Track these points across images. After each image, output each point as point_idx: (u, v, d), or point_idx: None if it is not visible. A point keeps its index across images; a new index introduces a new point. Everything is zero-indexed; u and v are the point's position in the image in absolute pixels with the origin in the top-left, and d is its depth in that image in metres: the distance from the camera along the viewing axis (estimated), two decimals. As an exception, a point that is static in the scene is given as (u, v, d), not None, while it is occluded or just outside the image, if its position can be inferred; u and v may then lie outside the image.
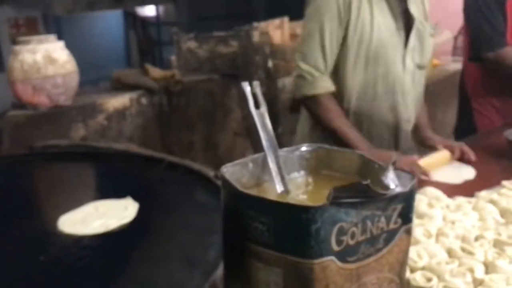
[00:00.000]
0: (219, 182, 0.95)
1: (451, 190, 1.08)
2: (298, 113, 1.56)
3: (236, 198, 0.43)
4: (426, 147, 1.50)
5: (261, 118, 0.52)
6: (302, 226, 0.39)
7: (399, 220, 0.45)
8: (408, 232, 0.46)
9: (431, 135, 1.52)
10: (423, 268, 0.75)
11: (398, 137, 1.47)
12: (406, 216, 0.45)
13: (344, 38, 1.37)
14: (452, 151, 1.39)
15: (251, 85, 0.54)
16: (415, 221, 0.89)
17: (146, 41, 7.91)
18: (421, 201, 0.97)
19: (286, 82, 2.40)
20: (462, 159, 1.38)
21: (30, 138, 1.63)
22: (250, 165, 0.50)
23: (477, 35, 1.88)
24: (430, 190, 1.03)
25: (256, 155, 0.51)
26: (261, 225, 0.41)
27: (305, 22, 1.41)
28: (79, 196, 1.01)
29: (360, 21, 1.36)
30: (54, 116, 1.97)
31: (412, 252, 0.78)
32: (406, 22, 1.41)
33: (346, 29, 1.36)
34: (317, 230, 0.39)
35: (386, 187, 0.44)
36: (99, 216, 0.89)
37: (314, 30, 1.36)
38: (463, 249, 0.78)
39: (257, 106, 0.53)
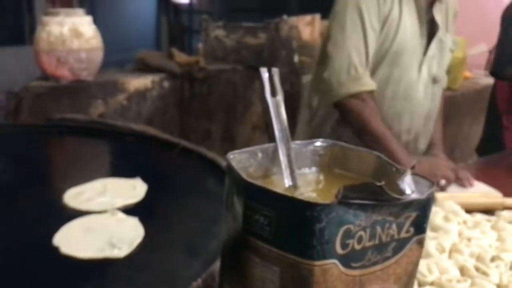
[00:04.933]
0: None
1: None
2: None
3: (239, 186, 0.40)
4: None
5: (276, 107, 0.49)
6: (305, 223, 0.36)
7: (412, 229, 0.42)
8: (420, 243, 0.43)
9: (439, 154, 1.44)
10: (432, 284, 0.71)
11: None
12: (419, 226, 0.42)
13: None
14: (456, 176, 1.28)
15: (269, 72, 0.51)
16: (429, 234, 0.86)
17: (177, 28, 7.94)
18: (437, 213, 0.93)
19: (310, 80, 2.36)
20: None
21: (48, 110, 1.63)
22: (259, 154, 0.47)
23: (506, 49, 1.79)
24: (448, 204, 0.99)
25: (266, 145, 0.48)
26: (263, 218, 0.38)
27: (338, 16, 1.33)
28: (89, 172, 1.01)
29: (390, 18, 1.30)
30: (75, 90, 1.98)
31: (422, 265, 0.74)
32: (430, 30, 1.36)
33: (382, 24, 1.30)
34: (322, 229, 0.36)
35: (402, 192, 0.40)
36: (106, 193, 0.88)
37: (355, 22, 1.27)
38: (477, 269, 0.74)
39: (273, 94, 0.50)
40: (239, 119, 2.45)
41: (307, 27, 2.42)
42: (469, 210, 0.99)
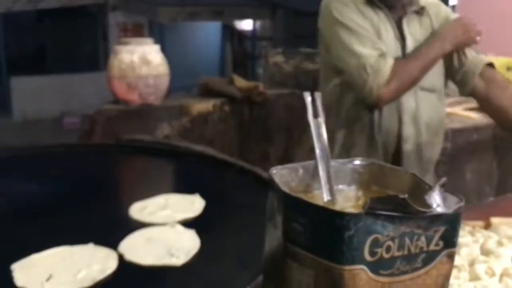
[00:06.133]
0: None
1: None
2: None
3: (279, 197, 0.45)
4: None
5: (317, 128, 0.54)
6: (335, 231, 0.40)
7: (441, 243, 0.44)
8: (451, 257, 0.45)
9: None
10: (479, 305, 0.71)
11: (399, 153, 1.42)
12: (449, 240, 0.44)
13: None
14: None
15: (312, 95, 0.56)
16: (480, 257, 0.85)
17: (240, 54, 8.18)
18: (490, 238, 0.92)
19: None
20: None
21: (118, 131, 1.76)
22: (300, 170, 0.52)
23: None
24: (503, 229, 0.98)
25: (307, 162, 0.53)
26: (299, 226, 0.42)
27: (330, 36, 1.42)
28: (153, 188, 1.09)
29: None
30: (143, 114, 2.11)
31: (469, 287, 0.74)
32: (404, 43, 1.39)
33: None
34: (350, 237, 0.40)
35: (429, 207, 0.43)
36: (168, 208, 0.95)
37: (345, 31, 1.35)
38: (527, 294, 0.73)
39: (315, 115, 0.55)
40: (296, 141, 2.50)
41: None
42: None
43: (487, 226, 1.00)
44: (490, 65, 1.43)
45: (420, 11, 1.41)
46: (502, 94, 1.39)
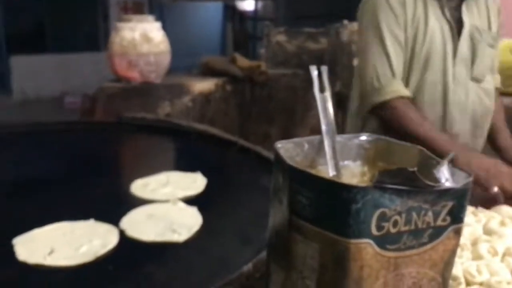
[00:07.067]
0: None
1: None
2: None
3: (284, 171, 0.44)
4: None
5: (323, 102, 0.53)
6: (342, 204, 0.39)
7: (448, 218, 0.44)
8: (457, 232, 0.45)
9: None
10: (481, 284, 0.71)
11: None
12: (456, 216, 0.44)
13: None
14: None
15: (319, 69, 0.55)
16: (482, 237, 0.85)
17: (241, 34, 8.12)
18: (493, 218, 0.92)
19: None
20: None
21: (120, 109, 1.75)
22: (306, 145, 0.51)
23: None
24: (506, 209, 0.97)
25: (312, 137, 0.52)
26: (304, 199, 0.42)
27: (361, 30, 1.36)
28: (155, 165, 1.09)
29: (415, 21, 1.28)
30: (144, 91, 2.10)
31: (472, 266, 0.74)
32: (461, 30, 1.32)
33: (405, 30, 1.29)
34: (357, 210, 0.39)
35: (437, 181, 0.43)
36: (169, 185, 0.95)
37: (373, 37, 1.31)
38: (530, 273, 0.73)
39: (322, 90, 0.54)
40: (298, 122, 2.49)
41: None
42: None
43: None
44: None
45: None
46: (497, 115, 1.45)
